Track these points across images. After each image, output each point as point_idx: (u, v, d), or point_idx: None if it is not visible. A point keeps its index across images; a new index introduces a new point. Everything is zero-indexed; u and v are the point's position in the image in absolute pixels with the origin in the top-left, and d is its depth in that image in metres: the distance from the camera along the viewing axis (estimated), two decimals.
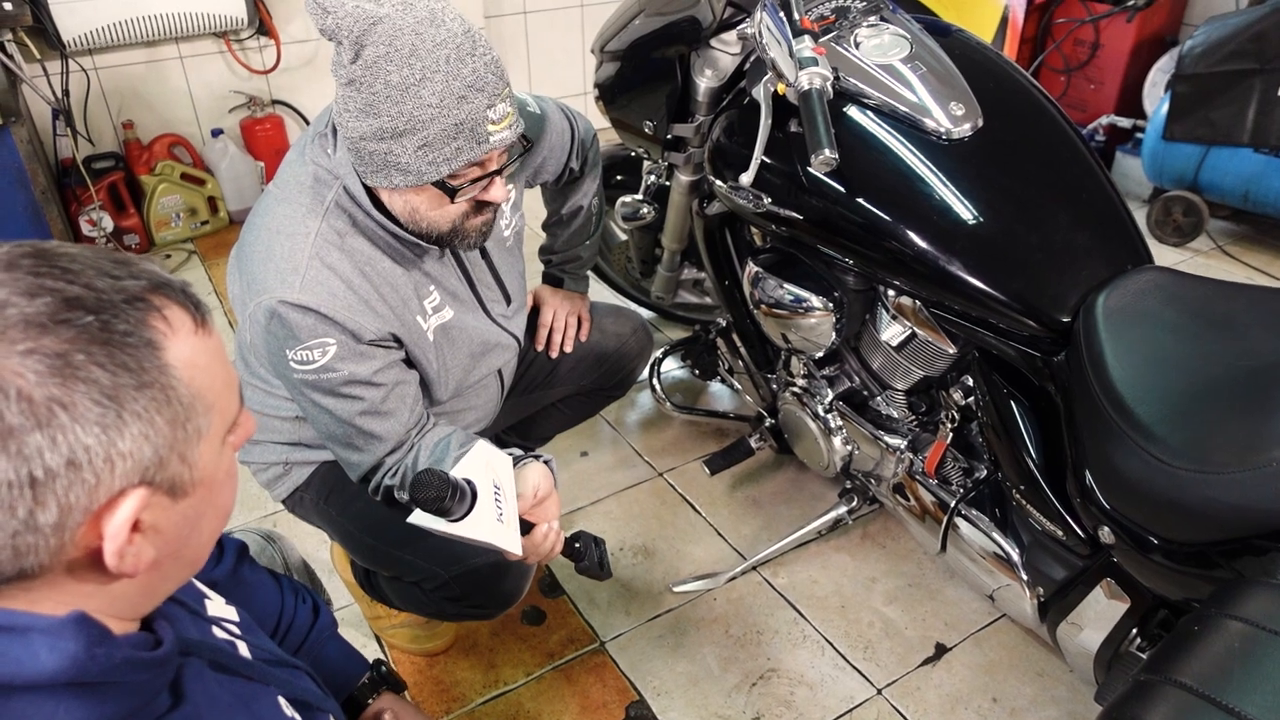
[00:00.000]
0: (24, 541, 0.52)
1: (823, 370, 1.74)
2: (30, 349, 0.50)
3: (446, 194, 1.15)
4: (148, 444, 0.54)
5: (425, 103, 1.06)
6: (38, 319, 0.51)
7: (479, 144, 1.12)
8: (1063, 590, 1.36)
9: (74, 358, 0.51)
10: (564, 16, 3.83)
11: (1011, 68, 1.47)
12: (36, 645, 0.53)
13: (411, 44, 1.05)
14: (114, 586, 0.58)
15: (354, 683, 1.05)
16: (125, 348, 0.53)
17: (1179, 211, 3.03)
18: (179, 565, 0.63)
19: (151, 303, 0.56)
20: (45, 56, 2.73)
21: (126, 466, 0.53)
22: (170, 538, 0.59)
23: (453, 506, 1.02)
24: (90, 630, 0.55)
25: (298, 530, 1.67)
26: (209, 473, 0.60)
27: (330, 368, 1.18)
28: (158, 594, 0.64)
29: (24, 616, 0.54)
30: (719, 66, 1.63)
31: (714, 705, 1.60)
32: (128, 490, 0.54)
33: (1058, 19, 3.42)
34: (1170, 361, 1.16)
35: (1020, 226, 1.32)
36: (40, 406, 0.50)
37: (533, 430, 1.83)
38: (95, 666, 0.55)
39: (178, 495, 0.58)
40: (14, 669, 0.53)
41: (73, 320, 0.52)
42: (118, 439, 0.53)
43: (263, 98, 3.26)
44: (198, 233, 3.23)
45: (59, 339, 0.51)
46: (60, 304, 0.52)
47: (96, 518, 0.54)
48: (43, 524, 0.52)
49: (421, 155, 1.10)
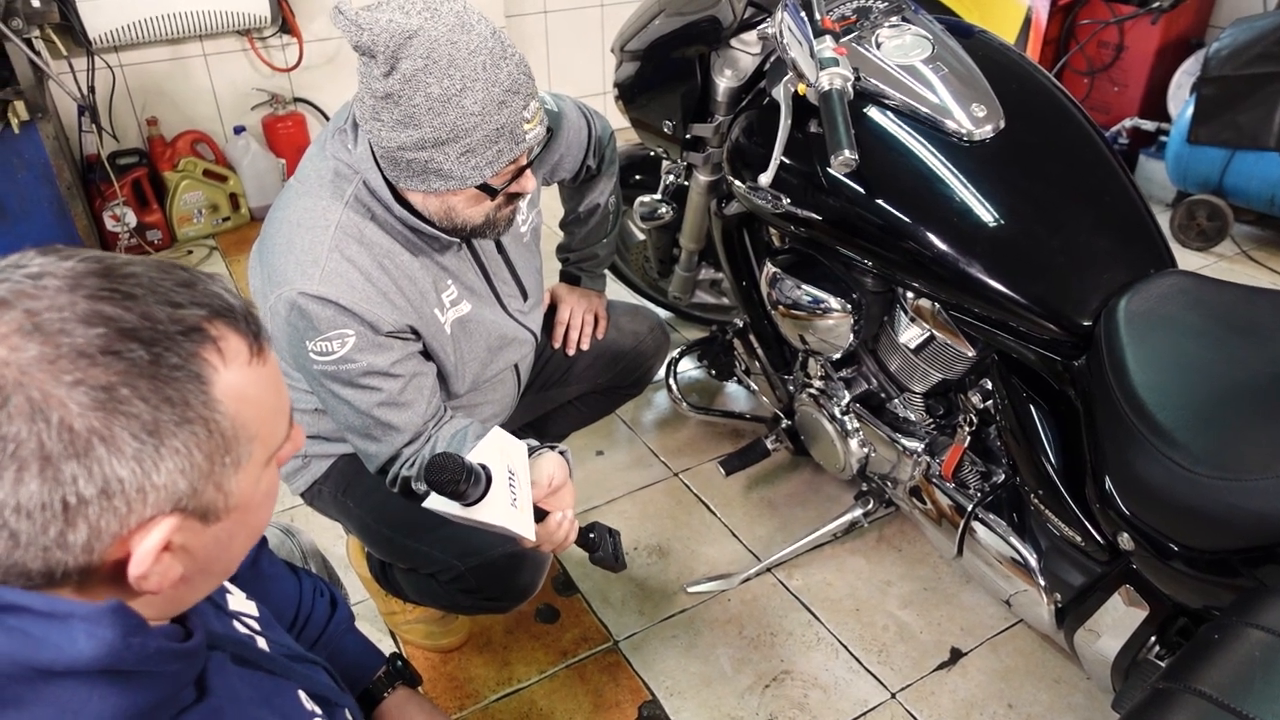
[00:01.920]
0: (54, 557, 0.53)
1: (840, 372, 1.73)
2: (78, 380, 0.51)
3: (487, 194, 1.18)
4: (183, 477, 0.55)
5: (468, 111, 1.08)
6: (89, 350, 0.52)
7: (517, 144, 1.14)
8: (1081, 596, 1.35)
9: (119, 391, 0.52)
10: (584, 16, 3.83)
11: (1034, 69, 1.46)
12: (76, 631, 0.54)
13: (449, 55, 1.05)
14: (141, 599, 0.59)
15: (370, 676, 1.05)
16: (172, 382, 0.54)
17: (1203, 216, 3.00)
18: (207, 579, 0.64)
19: (208, 333, 0.57)
20: (72, 53, 2.77)
21: (160, 497, 0.55)
22: (200, 557, 0.60)
23: (467, 490, 1.03)
24: (128, 619, 0.56)
25: (314, 525, 1.69)
26: (245, 499, 0.61)
27: (349, 359, 1.19)
28: (184, 603, 0.65)
29: (65, 603, 0.55)
30: (739, 66, 1.63)
31: (727, 706, 1.60)
32: (159, 518, 0.55)
33: (1081, 20, 3.39)
34: (1193, 366, 1.15)
35: (1041, 229, 1.31)
36: (80, 437, 0.51)
37: (548, 428, 1.84)
38: (131, 655, 0.56)
39: (210, 520, 0.59)
40: (54, 654, 0.54)
41: (123, 353, 0.53)
42: (153, 472, 0.54)
43: (285, 95, 3.29)
44: (219, 229, 3.26)
45: (108, 371, 0.52)
46: (114, 335, 0.53)
47: (125, 540, 0.55)
48: (72, 543, 0.53)
49: (464, 161, 1.12)
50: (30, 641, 0.54)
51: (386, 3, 1.07)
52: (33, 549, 0.52)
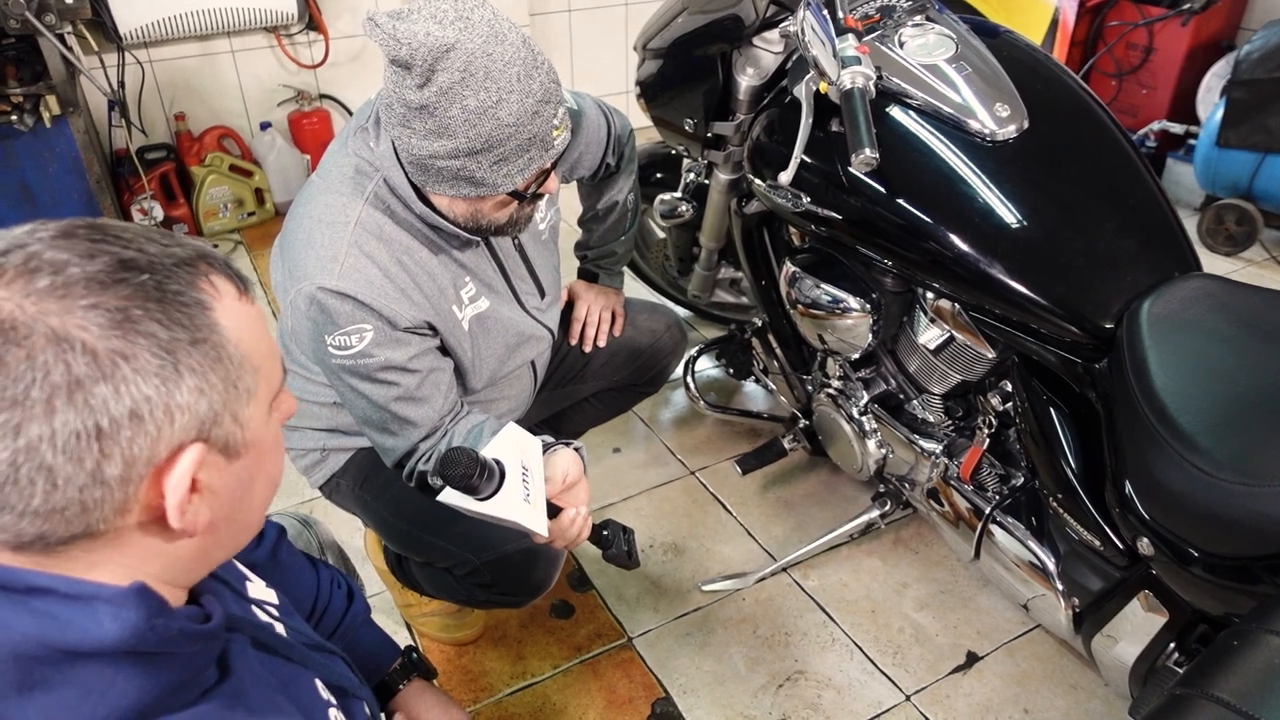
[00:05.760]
0: (91, 496, 0.53)
1: (858, 372, 1.73)
2: (93, 304, 0.53)
3: (515, 198, 1.19)
4: (203, 398, 0.56)
5: (503, 123, 1.09)
6: (97, 277, 0.54)
7: (547, 151, 1.16)
8: (1099, 601, 1.33)
9: (133, 312, 0.54)
10: (608, 15, 3.84)
11: (1060, 70, 1.45)
12: (101, 614, 0.55)
13: (485, 67, 1.06)
14: (173, 548, 0.60)
15: (386, 668, 1.07)
16: (179, 305, 0.56)
17: (1232, 220, 2.96)
18: (232, 530, 0.65)
19: (199, 268, 0.59)
20: (102, 49, 2.81)
21: (185, 420, 0.55)
22: (225, 499, 0.61)
23: (481, 485, 1.04)
24: (151, 601, 0.57)
25: (333, 518, 1.70)
26: (259, 435, 0.62)
27: (367, 353, 1.20)
28: (211, 560, 0.66)
29: (89, 586, 0.56)
30: (761, 65, 1.63)
31: (740, 705, 1.60)
32: (186, 445, 0.56)
33: (1110, 21, 3.35)
34: (1216, 371, 1.13)
35: (1064, 230, 1.29)
36: (104, 358, 0.52)
37: (565, 425, 1.84)
38: (154, 636, 0.57)
39: (231, 455, 0.60)
40: (80, 636, 0.55)
41: (129, 279, 0.54)
42: (175, 391, 0.55)
43: (310, 92, 3.32)
44: (244, 223, 3.29)
45: (118, 295, 0.54)
46: (117, 264, 0.55)
47: (158, 474, 0.56)
48: (109, 476, 0.53)
49: (497, 169, 1.13)
50: (56, 624, 0.54)
51: (418, 11, 1.07)
52: (70, 488, 0.53)
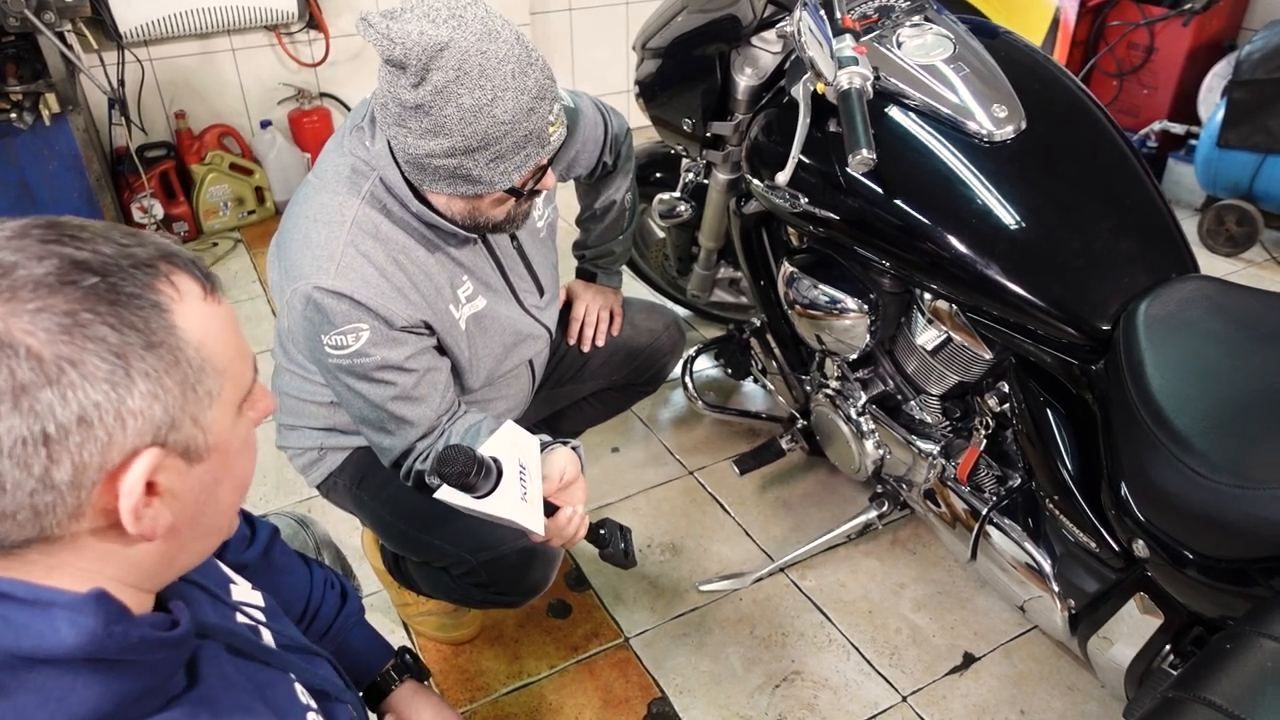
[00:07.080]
0: (41, 500, 0.53)
1: (856, 373, 1.72)
2: (40, 308, 0.52)
3: (512, 195, 1.19)
4: (157, 403, 0.55)
5: (499, 120, 1.09)
6: (45, 280, 0.52)
7: (543, 146, 1.16)
8: (1095, 603, 1.33)
9: (82, 316, 0.52)
10: (609, 14, 3.83)
11: (1058, 70, 1.45)
12: (58, 620, 0.54)
13: (479, 65, 1.06)
14: (133, 552, 0.59)
15: (378, 669, 1.06)
16: (133, 308, 0.55)
17: (1232, 221, 2.95)
18: (197, 534, 0.63)
19: (159, 269, 0.57)
20: (103, 47, 2.80)
21: (138, 425, 0.54)
22: (187, 503, 0.60)
23: (477, 482, 1.04)
24: (109, 608, 0.56)
25: (330, 517, 1.70)
26: (223, 439, 0.60)
27: (363, 353, 1.20)
28: (176, 564, 0.64)
29: (47, 591, 0.55)
30: (759, 65, 1.63)
31: (736, 705, 1.60)
32: (141, 450, 0.55)
33: (1111, 21, 3.34)
34: (1213, 373, 1.13)
35: (1061, 232, 1.29)
36: (50, 364, 0.51)
37: (563, 424, 1.84)
38: (113, 644, 0.56)
39: (192, 459, 0.59)
40: (36, 642, 0.54)
41: (79, 282, 0.53)
42: (127, 396, 0.54)
43: (311, 90, 3.32)
44: (244, 222, 3.29)
45: (67, 299, 0.52)
46: (68, 266, 0.53)
47: (112, 478, 0.54)
48: (59, 481, 0.53)
49: (493, 167, 1.13)
50: (12, 629, 0.54)
51: (411, 11, 1.07)
52: (20, 493, 0.52)
